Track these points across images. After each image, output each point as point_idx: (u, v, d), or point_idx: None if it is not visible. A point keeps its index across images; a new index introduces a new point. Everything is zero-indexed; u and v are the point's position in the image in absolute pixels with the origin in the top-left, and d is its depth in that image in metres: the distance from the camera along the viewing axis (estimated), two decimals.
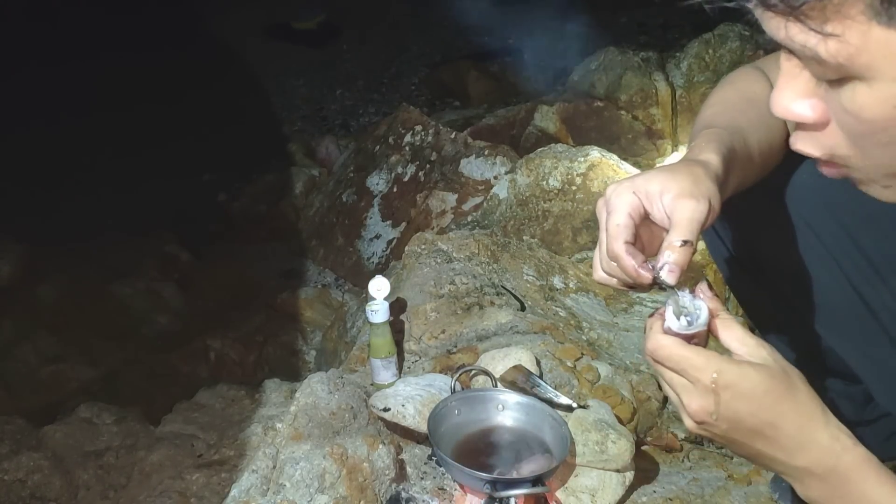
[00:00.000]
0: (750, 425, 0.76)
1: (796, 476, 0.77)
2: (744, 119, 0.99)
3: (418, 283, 1.72)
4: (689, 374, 0.77)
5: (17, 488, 1.63)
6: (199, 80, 4.64)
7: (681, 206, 0.83)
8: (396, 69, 5.07)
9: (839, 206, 1.06)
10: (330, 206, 3.18)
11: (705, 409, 0.76)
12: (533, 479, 1.13)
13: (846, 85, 0.62)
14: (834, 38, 0.58)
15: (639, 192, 0.85)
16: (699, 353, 0.78)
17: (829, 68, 0.61)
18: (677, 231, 0.82)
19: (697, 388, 0.76)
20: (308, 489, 1.13)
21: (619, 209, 0.85)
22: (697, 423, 0.78)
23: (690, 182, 0.84)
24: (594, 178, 2.24)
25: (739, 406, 0.75)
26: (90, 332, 2.67)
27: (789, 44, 0.61)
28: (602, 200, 0.89)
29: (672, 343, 0.78)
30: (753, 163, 0.99)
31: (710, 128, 0.97)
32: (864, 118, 0.63)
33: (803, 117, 0.68)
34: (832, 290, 1.09)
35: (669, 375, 0.79)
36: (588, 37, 4.17)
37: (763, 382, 0.76)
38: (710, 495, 1.31)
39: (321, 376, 1.36)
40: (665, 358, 0.78)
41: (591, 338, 1.67)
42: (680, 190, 0.83)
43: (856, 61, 0.59)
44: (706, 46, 3.05)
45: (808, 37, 0.59)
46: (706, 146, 0.92)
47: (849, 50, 0.58)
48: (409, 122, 3.09)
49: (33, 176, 3.73)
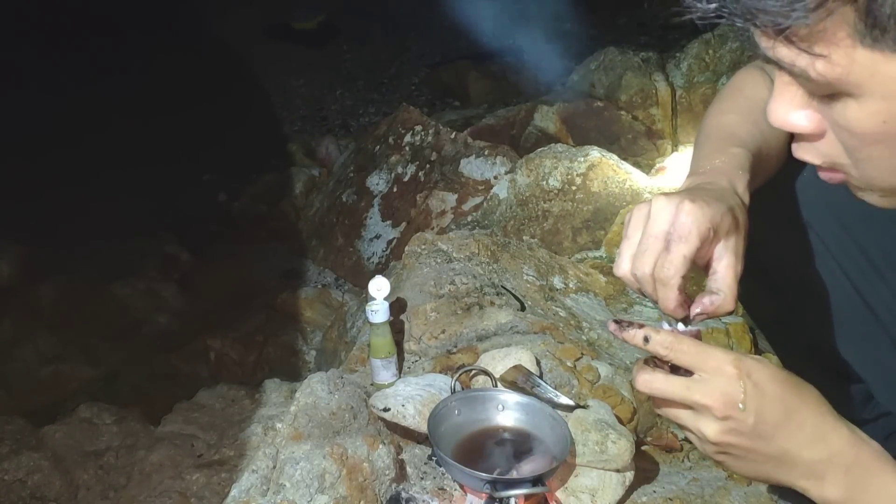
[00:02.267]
0: (776, 415, 0.74)
1: (819, 472, 0.75)
2: (759, 132, 1.00)
3: (418, 283, 1.72)
4: (706, 364, 0.75)
5: (17, 488, 1.63)
6: (199, 81, 4.64)
7: (733, 268, 0.84)
8: (396, 69, 5.07)
9: (840, 205, 1.06)
10: (330, 206, 3.18)
11: (732, 398, 0.73)
12: (533, 479, 1.13)
13: (837, 101, 0.63)
14: (821, 58, 0.59)
15: (713, 229, 0.82)
16: (708, 346, 0.77)
17: (818, 86, 0.63)
18: (728, 299, 0.83)
19: (719, 378, 0.74)
20: (308, 489, 1.14)
21: (691, 240, 0.81)
22: (724, 420, 0.74)
23: (743, 237, 0.86)
24: (594, 178, 2.24)
25: (765, 390, 0.74)
26: (90, 332, 2.66)
27: (779, 62, 0.63)
28: (664, 205, 0.83)
29: (687, 342, 0.77)
30: (759, 176, 0.99)
31: (735, 139, 0.97)
32: (856, 132, 0.64)
33: (800, 128, 0.69)
34: (833, 288, 1.10)
35: (682, 389, 0.76)
36: (588, 37, 4.17)
37: (778, 371, 0.77)
38: (710, 495, 1.31)
39: (321, 376, 1.36)
40: (680, 352, 0.76)
41: (591, 338, 1.67)
42: (736, 248, 0.85)
43: (843, 80, 0.60)
44: (706, 47, 3.05)
45: (798, 57, 0.60)
46: (742, 176, 0.92)
47: (836, 70, 0.59)
48: (409, 122, 3.09)
49: (33, 176, 3.73)
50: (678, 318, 0.84)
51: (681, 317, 0.83)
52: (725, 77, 2.91)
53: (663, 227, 0.82)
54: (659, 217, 0.83)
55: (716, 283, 0.84)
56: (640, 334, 0.78)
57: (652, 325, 0.79)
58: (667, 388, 0.77)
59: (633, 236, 0.85)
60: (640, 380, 0.79)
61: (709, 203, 0.83)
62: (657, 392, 0.78)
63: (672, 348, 0.77)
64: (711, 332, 1.73)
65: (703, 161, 0.96)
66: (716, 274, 0.84)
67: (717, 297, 0.83)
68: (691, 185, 0.91)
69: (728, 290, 0.83)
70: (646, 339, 0.78)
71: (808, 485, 0.77)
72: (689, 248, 0.81)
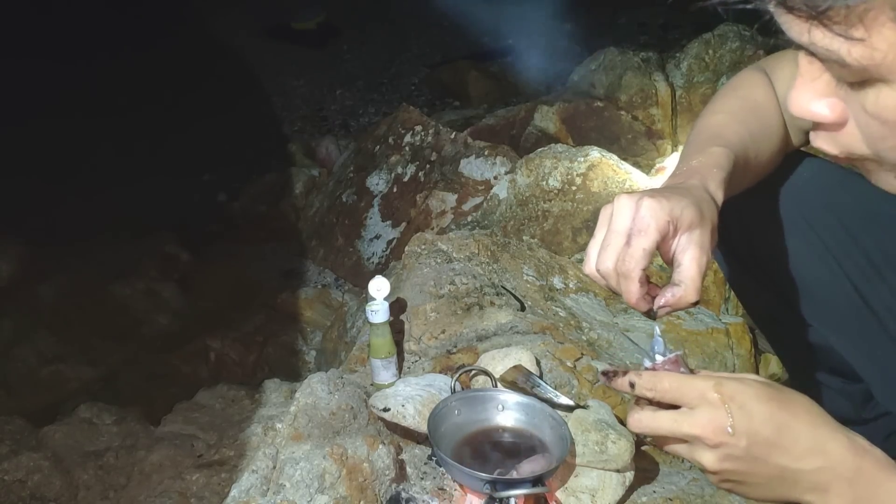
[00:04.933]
0: (767, 434, 0.74)
1: (822, 485, 0.75)
2: (746, 132, 1.00)
3: (418, 283, 1.72)
4: (689, 397, 0.76)
5: (17, 488, 1.63)
6: (199, 80, 4.64)
7: (697, 260, 0.85)
8: (396, 69, 5.07)
9: (840, 205, 1.07)
10: (330, 206, 3.18)
11: (720, 425, 0.74)
12: (533, 479, 1.13)
13: (869, 88, 0.61)
14: (859, 42, 0.57)
15: (673, 222, 0.84)
16: (688, 377, 0.78)
17: (852, 72, 0.60)
18: (689, 290, 0.84)
19: (704, 408, 0.75)
20: (308, 489, 1.14)
21: (650, 233, 0.84)
22: (717, 448, 0.75)
23: (710, 231, 0.87)
24: (594, 178, 2.24)
25: (752, 410, 0.74)
26: (90, 332, 2.67)
27: (812, 47, 0.61)
28: (626, 202, 0.86)
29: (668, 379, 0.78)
30: (747, 176, 1.00)
31: (719, 139, 0.98)
32: (888, 120, 0.63)
33: (822, 117, 0.68)
34: (832, 288, 1.10)
35: (670, 423, 0.77)
36: (588, 37, 4.18)
37: (762, 389, 0.76)
38: (710, 495, 1.30)
39: (321, 376, 1.36)
40: (663, 391, 0.77)
41: (591, 338, 1.67)
42: (701, 240, 0.85)
43: (880, 64, 0.58)
44: (706, 47, 3.05)
45: (833, 41, 0.58)
46: (716, 174, 0.93)
47: (874, 54, 0.57)
48: (409, 122, 3.09)
49: (33, 176, 3.73)
50: (642, 311, 0.85)
51: (644, 309, 0.85)
52: (725, 77, 2.91)
53: (625, 224, 0.85)
54: (620, 214, 0.86)
55: (679, 274, 0.85)
56: (626, 381, 0.80)
57: (634, 370, 0.81)
58: (655, 424, 0.78)
59: (599, 235, 0.88)
60: (631, 420, 0.81)
61: (668, 198, 0.85)
62: (647, 430, 0.79)
63: (654, 388, 0.78)
64: (712, 333, 1.73)
65: (682, 162, 0.98)
66: (680, 266, 0.85)
67: (678, 288, 0.84)
68: (663, 186, 0.93)
69: (690, 282, 0.84)
70: (631, 385, 0.80)
71: (813, 498, 0.76)
72: (649, 241, 0.83)
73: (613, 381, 0.82)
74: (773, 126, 1.04)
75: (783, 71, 1.05)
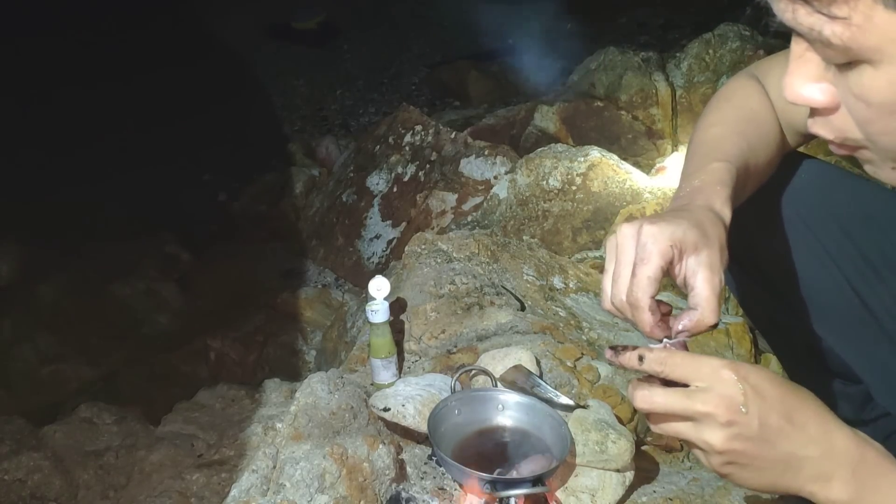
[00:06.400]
0: (778, 417, 0.73)
1: (826, 473, 0.74)
2: (745, 142, 1.00)
3: (418, 283, 1.72)
4: (702, 373, 0.75)
5: (17, 488, 1.63)
6: (199, 80, 4.64)
7: (709, 281, 0.83)
8: (396, 69, 5.07)
9: (838, 207, 1.07)
10: (330, 206, 3.18)
11: (734, 402, 0.73)
12: (533, 479, 1.13)
13: (854, 69, 0.62)
14: (840, 20, 0.58)
15: (676, 246, 0.84)
16: (706, 356, 0.77)
17: (836, 51, 0.61)
18: (706, 312, 0.82)
19: (718, 384, 0.74)
20: (308, 489, 1.14)
21: (653, 260, 0.83)
22: (728, 426, 0.73)
23: (718, 250, 0.86)
24: (594, 178, 2.24)
25: (765, 392, 0.73)
26: (90, 332, 2.67)
27: (797, 26, 0.61)
28: (629, 232, 0.86)
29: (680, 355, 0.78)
30: (749, 186, 1.00)
31: (718, 153, 0.97)
32: (872, 101, 0.63)
33: (813, 101, 0.68)
34: (831, 290, 1.10)
35: (682, 398, 0.76)
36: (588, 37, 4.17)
37: (773, 374, 0.76)
38: (710, 495, 1.31)
39: (321, 376, 1.36)
40: (674, 366, 0.76)
41: (591, 338, 1.67)
42: (710, 261, 0.84)
43: (862, 44, 0.59)
44: (706, 46, 3.04)
45: (815, 19, 0.59)
46: (721, 191, 0.92)
47: (855, 33, 0.58)
48: (409, 122, 3.09)
49: (33, 175, 3.73)
50: (658, 339, 0.84)
51: (660, 337, 0.84)
52: (725, 77, 2.91)
53: (630, 255, 0.85)
54: (624, 245, 0.86)
55: (694, 298, 0.84)
56: (635, 356, 0.79)
57: (643, 346, 0.81)
58: (667, 401, 0.76)
59: (609, 268, 0.88)
60: (638, 397, 0.78)
61: (669, 222, 0.84)
62: (658, 406, 0.77)
63: (665, 363, 0.77)
64: (711, 333, 1.73)
65: (684, 183, 0.97)
66: (693, 290, 0.84)
67: (695, 312, 0.83)
68: (668, 210, 0.93)
69: (706, 304, 0.83)
70: (640, 358, 0.79)
71: (815, 488, 0.75)
72: (652, 268, 0.83)
73: (621, 356, 0.80)
74: (770, 133, 1.04)
75: (774, 76, 1.04)
